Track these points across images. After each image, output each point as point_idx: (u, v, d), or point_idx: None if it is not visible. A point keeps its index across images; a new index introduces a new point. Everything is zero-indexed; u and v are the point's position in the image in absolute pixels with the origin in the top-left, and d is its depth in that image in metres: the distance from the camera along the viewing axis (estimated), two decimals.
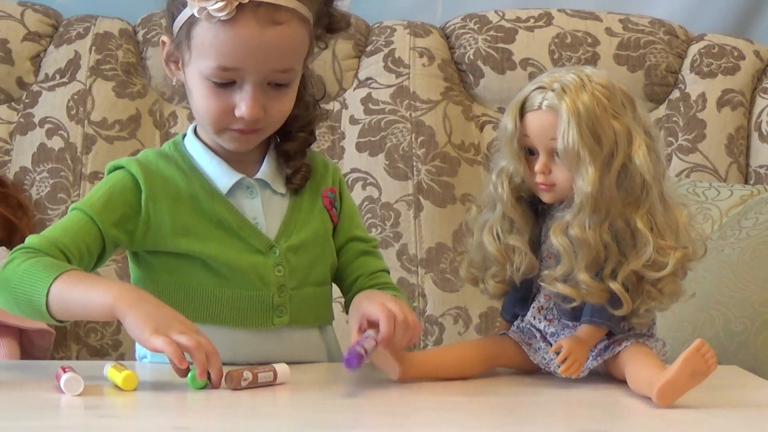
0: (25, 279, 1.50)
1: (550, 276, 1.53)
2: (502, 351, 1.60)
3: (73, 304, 1.49)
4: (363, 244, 1.71)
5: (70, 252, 1.55)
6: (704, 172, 2.45)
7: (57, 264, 1.51)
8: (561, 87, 1.52)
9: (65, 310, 1.50)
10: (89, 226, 1.58)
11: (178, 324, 1.45)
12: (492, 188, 1.58)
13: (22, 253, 1.54)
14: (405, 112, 2.48)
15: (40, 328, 2.22)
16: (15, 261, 1.53)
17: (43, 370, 1.55)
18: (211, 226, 1.60)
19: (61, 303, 1.49)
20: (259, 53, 1.52)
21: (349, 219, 1.71)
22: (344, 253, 1.70)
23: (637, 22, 2.56)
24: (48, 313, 1.49)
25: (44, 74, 2.50)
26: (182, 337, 1.42)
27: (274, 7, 1.52)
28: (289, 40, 1.54)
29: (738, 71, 2.51)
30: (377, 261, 1.72)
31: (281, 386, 1.48)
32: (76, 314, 1.53)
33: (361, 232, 1.73)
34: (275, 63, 1.54)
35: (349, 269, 1.69)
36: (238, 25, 1.51)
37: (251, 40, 1.52)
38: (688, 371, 1.40)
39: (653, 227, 1.52)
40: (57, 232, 1.57)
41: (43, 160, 2.43)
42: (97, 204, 1.59)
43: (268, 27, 1.52)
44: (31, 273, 1.50)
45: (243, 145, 1.60)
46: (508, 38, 2.53)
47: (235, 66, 1.53)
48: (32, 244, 1.55)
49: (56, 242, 1.55)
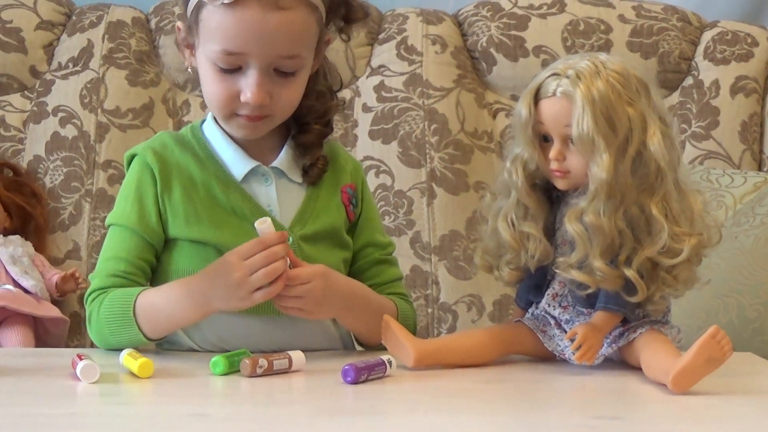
0: (111, 323, 1.57)
1: (564, 263, 1.53)
2: (517, 338, 1.60)
3: (162, 327, 1.57)
4: (380, 252, 1.72)
5: (132, 275, 1.61)
6: (718, 159, 2.45)
7: (126, 298, 1.57)
8: (575, 74, 1.51)
9: (159, 333, 1.58)
10: (135, 240, 1.61)
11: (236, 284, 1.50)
12: (506, 175, 1.58)
13: (95, 300, 1.60)
14: (418, 99, 2.47)
15: (55, 316, 2.23)
16: (94, 312, 1.60)
17: (60, 358, 1.55)
18: (225, 213, 1.61)
19: (152, 329, 1.57)
20: (262, 38, 1.52)
21: (369, 222, 1.72)
22: (361, 258, 1.71)
23: (650, 9, 2.55)
24: (149, 339, 1.58)
25: (57, 63, 2.51)
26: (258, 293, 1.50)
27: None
28: (293, 25, 1.54)
29: (751, 58, 2.51)
30: (392, 269, 1.73)
31: (296, 373, 1.48)
32: (169, 331, 1.60)
33: (380, 237, 1.74)
34: (280, 48, 1.54)
35: (364, 276, 1.70)
36: (242, 9, 1.51)
37: (254, 24, 1.52)
38: (704, 358, 1.40)
39: (668, 214, 1.51)
40: (111, 263, 1.61)
41: (57, 148, 2.44)
42: (132, 215, 1.61)
43: (272, 12, 1.52)
44: (113, 316, 1.57)
45: (251, 132, 1.61)
46: (520, 25, 2.53)
47: (239, 50, 1.53)
48: (97, 286, 1.61)
49: (116, 273, 1.60)
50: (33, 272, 2.27)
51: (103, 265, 1.62)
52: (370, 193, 1.76)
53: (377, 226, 1.75)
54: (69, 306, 2.33)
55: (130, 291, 1.58)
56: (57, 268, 2.33)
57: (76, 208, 2.40)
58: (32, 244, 2.34)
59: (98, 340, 1.61)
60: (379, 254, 1.72)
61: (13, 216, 2.35)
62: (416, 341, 1.54)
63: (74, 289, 2.30)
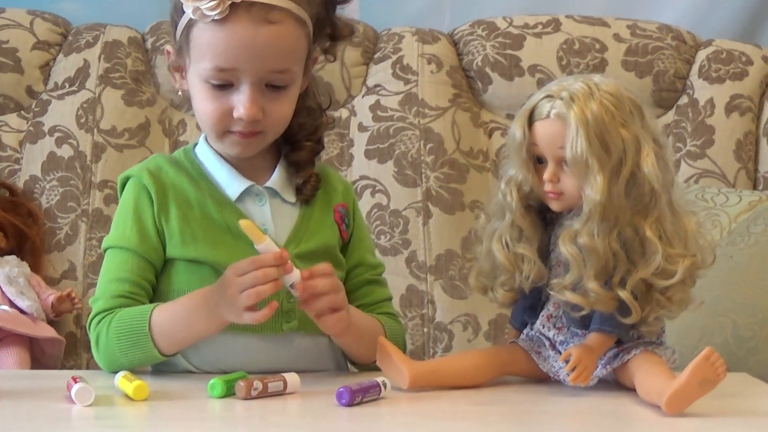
0: (123, 342, 1.56)
1: (559, 284, 1.53)
2: (512, 359, 1.60)
3: (179, 339, 1.57)
4: (370, 272, 1.72)
5: (136, 295, 1.60)
6: (713, 177, 2.45)
7: (139, 315, 1.57)
8: (569, 95, 1.52)
9: (176, 345, 1.58)
10: (136, 261, 1.61)
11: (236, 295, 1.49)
12: (501, 197, 1.59)
13: (101, 322, 1.59)
14: (413, 119, 2.48)
15: (51, 336, 2.23)
16: (102, 333, 1.58)
17: (54, 380, 1.55)
18: (220, 232, 1.61)
19: (169, 343, 1.57)
20: (254, 52, 1.53)
21: (360, 242, 1.73)
22: (351, 278, 1.71)
23: (645, 28, 2.56)
24: (163, 354, 1.58)
25: (53, 83, 2.51)
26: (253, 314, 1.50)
27: (268, 6, 1.53)
28: (283, 39, 1.55)
29: (746, 77, 2.52)
30: (382, 290, 1.74)
31: (291, 395, 1.48)
32: (187, 344, 1.60)
33: (370, 257, 1.74)
34: (271, 63, 1.55)
35: (354, 296, 1.70)
36: (232, 25, 1.52)
37: (245, 39, 1.53)
38: (697, 380, 1.40)
39: (662, 235, 1.52)
40: (114, 285, 1.60)
41: (53, 168, 2.44)
42: (133, 237, 1.61)
43: (262, 26, 1.53)
44: (125, 335, 1.57)
45: (245, 150, 1.61)
46: (516, 44, 2.53)
47: (231, 66, 1.54)
48: (102, 308, 1.60)
49: (120, 294, 1.60)
50: (29, 293, 2.27)
51: (105, 288, 1.61)
52: (361, 213, 1.76)
53: (368, 246, 1.75)
54: (65, 326, 2.33)
55: (143, 308, 1.58)
56: (53, 289, 2.32)
57: (72, 228, 2.40)
58: (28, 264, 2.34)
59: (106, 363, 1.60)
60: (369, 275, 1.72)
61: (9, 236, 2.35)
62: (411, 363, 1.54)
63: (70, 309, 2.30)
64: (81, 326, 2.32)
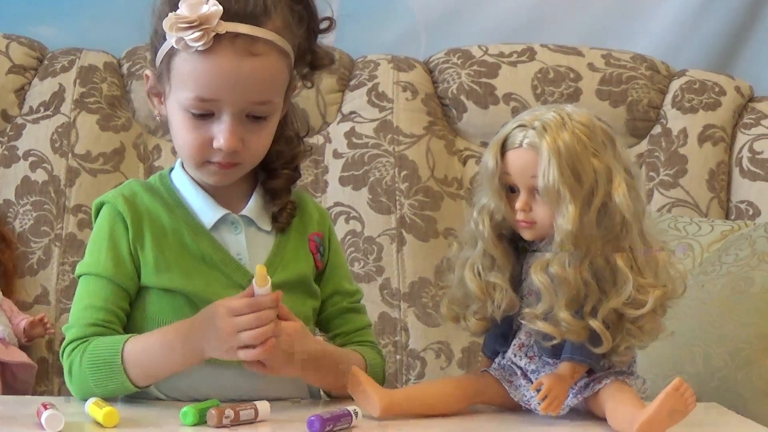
0: (96, 372, 1.55)
1: (530, 314, 1.54)
2: (483, 388, 1.60)
3: (153, 372, 1.56)
4: (347, 300, 1.72)
5: (110, 323, 1.59)
6: (685, 207, 2.46)
7: (112, 346, 1.56)
8: (542, 125, 1.53)
9: (149, 378, 1.58)
10: (111, 288, 1.60)
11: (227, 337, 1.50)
12: (473, 225, 1.59)
13: (75, 350, 1.58)
14: (388, 146, 2.48)
15: (23, 361, 2.22)
16: (75, 363, 1.57)
17: (25, 406, 1.54)
18: (195, 261, 1.61)
19: (143, 376, 1.56)
20: (236, 84, 1.53)
21: (337, 269, 1.72)
22: (329, 306, 1.71)
23: (619, 58, 2.57)
24: (136, 386, 1.57)
25: (28, 107, 2.51)
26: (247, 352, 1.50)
27: (252, 38, 1.53)
28: (266, 71, 1.55)
29: (719, 107, 2.53)
30: (360, 317, 1.74)
31: (262, 423, 1.48)
32: (161, 377, 1.59)
33: (348, 285, 1.74)
34: (253, 94, 1.54)
35: (332, 325, 1.71)
36: (215, 56, 1.52)
37: (229, 71, 1.52)
38: (667, 410, 1.41)
39: (633, 265, 1.52)
40: (89, 312, 1.59)
41: (27, 192, 2.43)
42: (108, 264, 1.60)
43: (246, 58, 1.53)
44: (97, 365, 1.56)
45: (222, 179, 1.61)
46: (491, 73, 2.54)
47: (212, 97, 1.54)
48: (76, 336, 1.58)
49: (94, 322, 1.58)
50: (1, 317, 2.26)
51: (79, 315, 1.60)
52: (337, 240, 1.76)
53: (345, 274, 1.75)
54: (37, 351, 2.32)
55: (116, 339, 1.57)
56: (25, 313, 2.31)
57: (46, 253, 2.40)
58: (0, 288, 2.33)
59: (79, 391, 1.58)
60: (347, 302, 1.72)
61: None
62: (382, 391, 1.54)
63: (42, 334, 2.29)
64: (53, 351, 2.31)
